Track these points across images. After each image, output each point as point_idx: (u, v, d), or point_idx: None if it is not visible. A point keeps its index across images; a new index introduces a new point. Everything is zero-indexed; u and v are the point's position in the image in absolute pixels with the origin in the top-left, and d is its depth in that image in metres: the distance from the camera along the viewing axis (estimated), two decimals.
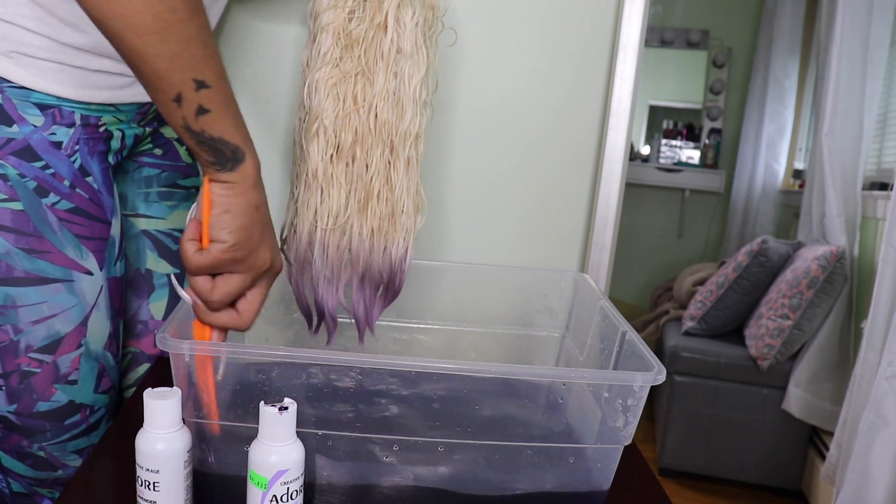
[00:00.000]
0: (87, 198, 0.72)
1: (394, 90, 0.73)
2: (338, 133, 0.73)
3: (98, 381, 0.76)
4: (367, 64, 0.73)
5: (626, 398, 0.59)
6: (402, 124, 0.74)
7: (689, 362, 2.20)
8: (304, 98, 0.75)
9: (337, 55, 0.73)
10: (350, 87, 0.73)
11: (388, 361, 0.64)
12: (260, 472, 0.53)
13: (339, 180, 0.74)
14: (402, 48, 0.72)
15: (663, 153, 3.56)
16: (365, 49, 0.72)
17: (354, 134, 0.73)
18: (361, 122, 0.73)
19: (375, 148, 0.74)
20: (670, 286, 3.03)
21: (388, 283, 0.78)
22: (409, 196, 0.76)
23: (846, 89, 2.16)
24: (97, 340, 0.74)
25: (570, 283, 0.90)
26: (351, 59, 0.72)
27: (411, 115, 0.74)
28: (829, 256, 2.05)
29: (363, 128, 0.73)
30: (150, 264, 0.88)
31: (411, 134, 0.74)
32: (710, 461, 2.21)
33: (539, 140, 1.07)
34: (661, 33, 3.42)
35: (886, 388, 1.46)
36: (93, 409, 0.76)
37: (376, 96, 0.73)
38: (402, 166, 0.75)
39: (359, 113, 0.73)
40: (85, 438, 0.76)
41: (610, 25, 1.04)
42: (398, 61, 0.73)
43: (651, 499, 0.69)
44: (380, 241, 0.77)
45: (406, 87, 0.73)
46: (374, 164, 0.74)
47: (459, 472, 0.63)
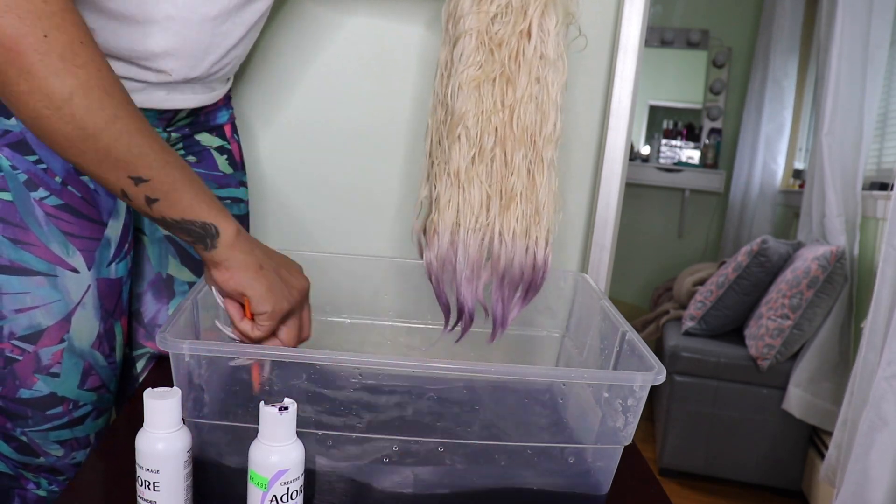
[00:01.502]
0: (79, 196, 0.72)
1: (535, 94, 0.74)
2: (480, 135, 0.74)
3: (84, 377, 0.76)
4: (509, 68, 0.74)
5: (626, 398, 0.59)
6: (545, 128, 0.75)
7: (689, 362, 2.20)
8: (444, 99, 0.76)
9: (480, 58, 0.74)
10: (491, 90, 0.74)
11: (388, 362, 0.64)
12: (260, 472, 0.53)
13: (481, 180, 0.75)
14: (546, 55, 0.74)
15: (663, 153, 3.56)
16: (508, 54, 0.73)
17: (496, 135, 0.74)
18: (503, 123, 0.74)
19: (517, 149, 0.75)
20: (670, 286, 3.03)
21: (530, 283, 0.79)
22: (550, 196, 0.77)
23: (846, 89, 2.16)
24: (82, 338, 0.75)
25: (570, 283, 0.90)
26: (492, 63, 0.73)
27: (553, 119, 0.75)
28: (829, 256, 2.05)
29: (504, 129, 0.74)
30: (172, 270, 0.88)
31: (553, 138, 0.75)
32: (710, 461, 2.21)
33: None
34: (661, 33, 3.42)
35: (886, 388, 1.46)
36: (76, 404, 0.76)
37: (518, 101, 0.74)
38: (545, 167, 0.76)
39: (501, 115, 0.74)
40: (68, 431, 0.77)
41: (610, 25, 1.04)
42: (541, 67, 0.74)
43: (651, 499, 0.69)
44: (523, 241, 0.77)
45: (549, 93, 0.74)
46: (516, 165, 0.75)
47: (459, 472, 0.63)
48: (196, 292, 0.68)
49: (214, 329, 0.74)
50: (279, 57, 1.04)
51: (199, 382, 0.58)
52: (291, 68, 1.05)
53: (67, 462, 0.79)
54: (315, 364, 0.60)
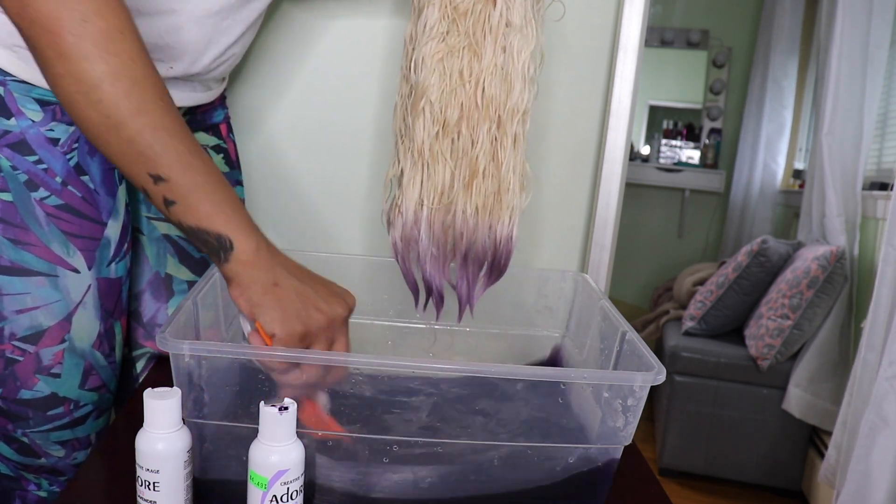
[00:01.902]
0: (79, 196, 0.72)
1: (502, 65, 0.71)
2: (444, 109, 0.72)
3: (84, 378, 0.76)
4: (474, 38, 0.71)
5: (626, 398, 0.59)
6: (510, 100, 0.72)
7: (689, 362, 2.20)
8: (408, 74, 0.74)
9: (443, 29, 0.71)
10: (456, 62, 0.71)
11: (388, 362, 0.64)
12: (260, 472, 0.53)
13: (445, 157, 0.73)
14: (512, 21, 0.70)
15: (663, 153, 3.56)
16: (473, 23, 0.70)
17: (461, 110, 0.72)
18: (468, 97, 0.71)
19: (482, 124, 0.72)
20: (670, 286, 3.03)
21: (493, 263, 0.78)
22: (516, 174, 0.75)
23: (846, 89, 2.16)
24: (82, 338, 0.75)
25: (570, 283, 0.90)
26: (457, 34, 0.70)
27: (519, 90, 0.72)
28: (829, 256, 2.05)
29: (469, 103, 0.72)
30: (171, 269, 0.88)
31: (519, 110, 0.73)
32: (710, 461, 2.21)
33: (539, 140, 1.07)
34: (661, 33, 3.42)
35: (887, 388, 1.46)
36: (77, 405, 0.77)
37: (483, 71, 0.71)
38: (510, 143, 0.73)
39: (465, 88, 0.71)
40: (69, 431, 0.77)
41: (610, 25, 1.04)
42: (507, 35, 0.70)
43: (651, 499, 0.69)
44: (485, 219, 0.75)
45: (514, 62, 0.71)
46: (480, 140, 0.73)
47: (459, 472, 0.63)
48: (196, 292, 0.68)
49: (214, 328, 0.74)
50: (271, 59, 1.04)
51: (199, 382, 0.58)
52: (283, 70, 1.05)
53: (68, 462, 0.79)
54: (315, 364, 0.60)
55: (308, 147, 1.07)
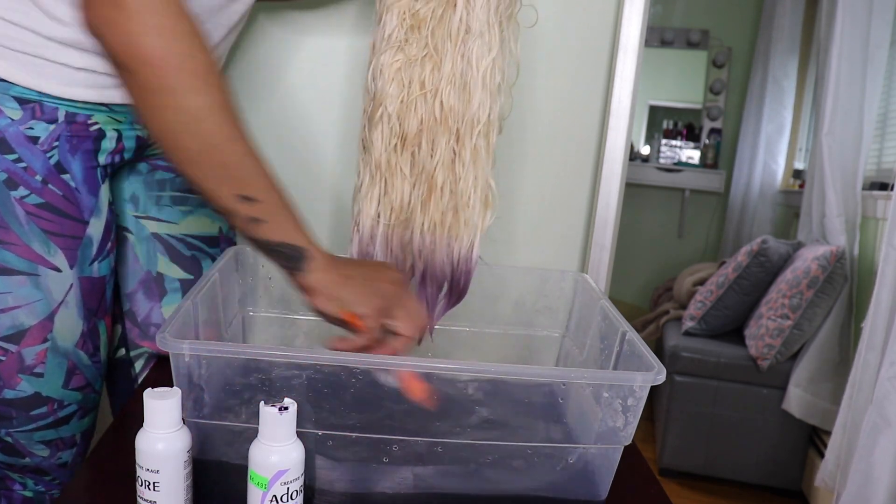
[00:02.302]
0: (60, 195, 0.71)
1: (461, 73, 0.68)
2: (402, 121, 0.69)
3: (68, 377, 0.76)
4: (434, 46, 0.68)
5: (626, 398, 0.59)
6: (469, 111, 0.69)
7: (689, 362, 2.20)
8: (368, 84, 0.71)
9: (402, 37, 0.68)
10: (416, 72, 0.68)
11: (389, 362, 0.64)
12: (260, 472, 0.53)
13: (404, 171, 0.71)
14: (471, 27, 0.67)
15: (663, 153, 3.56)
16: (432, 29, 0.67)
17: (420, 122, 0.69)
18: (427, 108, 0.69)
19: (441, 137, 0.69)
20: (670, 286, 3.03)
21: (452, 283, 0.76)
22: (476, 190, 0.71)
23: (846, 89, 2.16)
24: (65, 337, 0.74)
25: (570, 283, 0.90)
26: (418, 42, 0.68)
27: (479, 100, 0.68)
28: (829, 256, 2.05)
29: (429, 115, 0.69)
30: (162, 267, 0.88)
31: (480, 121, 0.69)
32: (710, 461, 2.21)
33: (539, 140, 1.07)
34: (661, 33, 3.42)
35: (889, 388, 1.46)
36: (61, 404, 0.76)
37: (443, 80, 0.68)
38: (469, 157, 0.70)
39: (425, 99, 0.68)
40: (53, 431, 0.77)
41: (610, 25, 1.04)
42: (466, 42, 0.67)
43: (651, 499, 0.69)
44: (442, 236, 0.72)
45: (474, 71, 0.68)
46: (438, 153, 0.70)
47: (459, 473, 0.63)
48: (196, 292, 0.68)
49: (214, 327, 0.74)
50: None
51: (199, 382, 0.58)
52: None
53: (53, 462, 0.79)
54: (315, 364, 0.60)
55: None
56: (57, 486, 0.81)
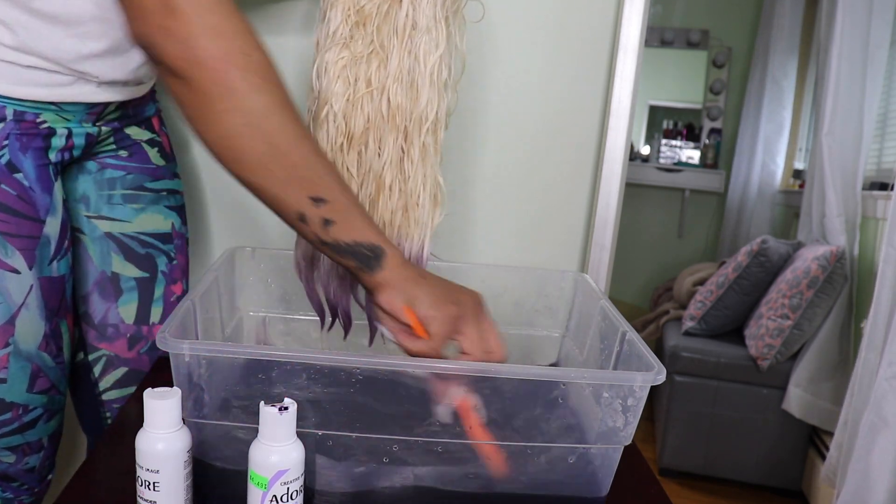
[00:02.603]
0: (14, 195, 0.70)
1: (408, 70, 0.66)
2: (348, 119, 0.68)
3: (32, 380, 0.74)
4: (380, 43, 0.66)
5: (626, 398, 0.59)
6: (417, 108, 0.67)
7: (689, 362, 2.20)
8: (312, 82, 0.70)
9: (347, 34, 0.66)
10: (362, 69, 0.67)
11: (389, 362, 0.64)
12: (260, 472, 0.53)
13: (350, 171, 0.69)
14: (418, 23, 0.65)
15: (663, 153, 3.56)
16: (378, 26, 0.66)
17: (366, 120, 0.68)
18: (374, 106, 0.67)
19: (388, 135, 0.68)
20: (670, 286, 3.03)
21: None
22: (426, 188, 0.70)
23: (846, 89, 2.16)
24: (27, 340, 0.73)
25: (570, 283, 0.90)
26: (363, 38, 0.66)
27: (427, 97, 0.67)
28: (829, 256, 2.05)
29: (375, 113, 0.67)
30: (117, 267, 0.86)
31: (427, 118, 0.68)
32: (710, 461, 2.21)
33: (539, 140, 1.07)
34: (661, 33, 3.42)
35: (887, 388, 1.46)
36: (26, 409, 0.75)
37: (389, 77, 0.66)
38: (417, 154, 0.69)
39: (371, 97, 0.67)
40: (19, 436, 0.75)
41: (610, 25, 1.04)
42: (413, 38, 0.66)
43: (651, 499, 0.69)
44: (392, 236, 0.72)
45: (422, 67, 0.66)
46: (386, 152, 0.68)
47: (459, 473, 0.63)
48: (196, 292, 0.68)
49: (214, 327, 0.74)
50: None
51: (199, 382, 0.58)
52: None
53: (20, 468, 0.77)
54: (315, 364, 0.60)
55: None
56: (26, 491, 0.80)
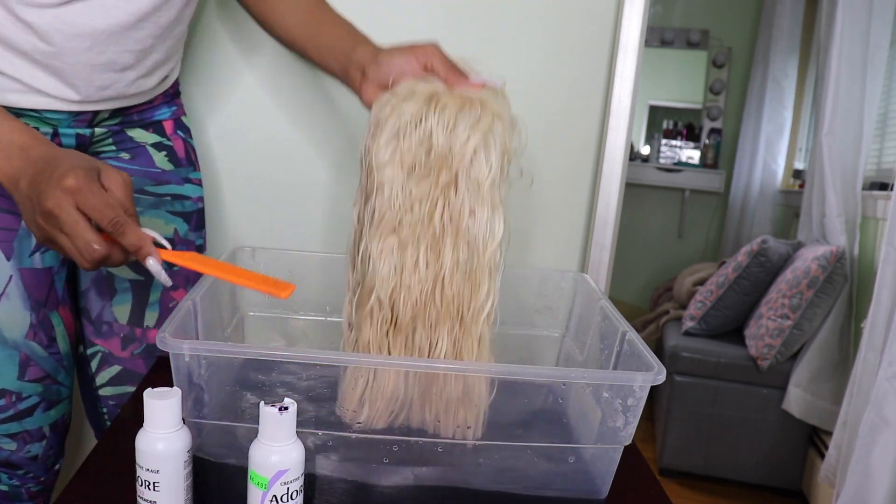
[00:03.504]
0: None
1: (465, 260, 0.62)
2: (395, 307, 0.63)
3: (22, 369, 0.76)
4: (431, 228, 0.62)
5: (626, 398, 0.59)
6: (476, 301, 0.63)
7: (689, 362, 2.20)
8: (355, 261, 0.65)
9: (395, 219, 0.62)
10: (413, 254, 0.62)
11: (389, 361, 0.64)
12: (260, 472, 0.53)
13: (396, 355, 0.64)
14: (476, 211, 0.61)
15: (663, 153, 3.56)
16: (429, 212, 0.61)
17: (413, 307, 0.63)
18: (425, 294, 0.62)
19: (442, 324, 0.63)
20: (670, 286, 3.03)
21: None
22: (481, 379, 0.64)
23: (846, 89, 2.16)
24: (12, 329, 0.74)
25: (570, 283, 0.90)
26: (411, 225, 0.61)
27: (487, 287, 0.63)
28: (829, 256, 2.05)
29: (427, 300, 0.63)
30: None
31: (485, 310, 0.64)
32: (710, 461, 2.21)
33: (539, 140, 1.07)
34: (661, 33, 3.42)
35: (887, 388, 1.46)
36: (19, 396, 0.77)
37: (444, 268, 0.62)
38: (474, 345, 0.65)
39: (421, 286, 0.62)
40: (16, 424, 0.77)
41: (610, 25, 1.04)
42: (472, 226, 0.62)
43: (651, 499, 0.69)
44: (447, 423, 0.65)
45: (480, 258, 0.62)
46: (441, 342, 0.64)
47: (459, 473, 0.63)
48: (196, 292, 0.68)
49: (214, 327, 0.74)
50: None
51: (199, 382, 0.58)
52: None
53: (23, 456, 0.79)
54: (315, 364, 0.60)
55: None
56: (31, 479, 0.81)
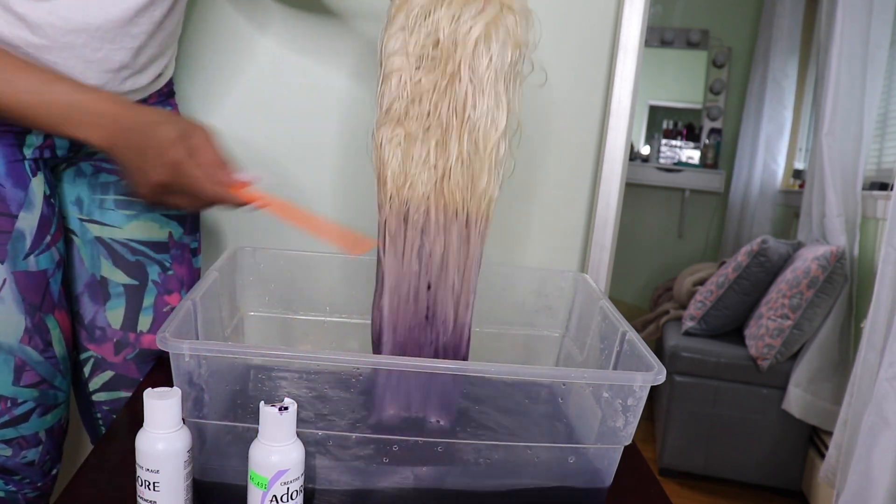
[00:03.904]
0: None
1: (470, 152, 0.64)
2: (401, 193, 0.66)
3: (17, 374, 0.75)
4: (437, 120, 0.64)
5: (626, 398, 0.59)
6: (476, 190, 0.66)
7: (689, 362, 2.20)
8: (375, 153, 0.68)
9: (402, 110, 0.64)
10: (418, 148, 0.65)
11: (389, 361, 0.64)
12: (260, 472, 0.53)
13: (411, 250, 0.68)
14: (478, 102, 0.63)
15: (663, 153, 3.56)
16: (435, 102, 0.64)
17: (423, 198, 0.66)
18: (432, 185, 0.66)
19: (450, 219, 0.67)
20: (670, 286, 3.03)
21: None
22: (474, 266, 0.70)
23: (846, 89, 2.16)
24: (6, 333, 0.73)
25: (570, 283, 0.90)
26: (418, 117, 0.64)
27: (486, 179, 0.65)
28: (829, 256, 2.05)
29: (435, 191, 0.66)
30: (105, 272, 0.86)
31: (487, 195, 0.67)
32: (710, 461, 2.21)
33: (539, 140, 1.07)
34: (661, 33, 3.42)
35: (888, 388, 1.46)
36: (15, 402, 0.76)
37: (450, 160, 0.64)
38: (479, 239, 0.69)
39: (427, 174, 0.65)
40: (12, 429, 0.76)
41: (610, 25, 1.04)
42: (472, 118, 0.64)
43: (651, 499, 0.69)
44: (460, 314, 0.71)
45: (481, 152, 0.64)
46: (444, 233, 0.68)
47: (459, 472, 0.63)
48: (196, 292, 0.68)
49: (214, 327, 0.74)
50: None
51: (199, 382, 0.58)
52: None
53: (19, 461, 0.78)
54: (315, 364, 0.60)
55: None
56: (28, 485, 0.80)
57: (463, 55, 0.63)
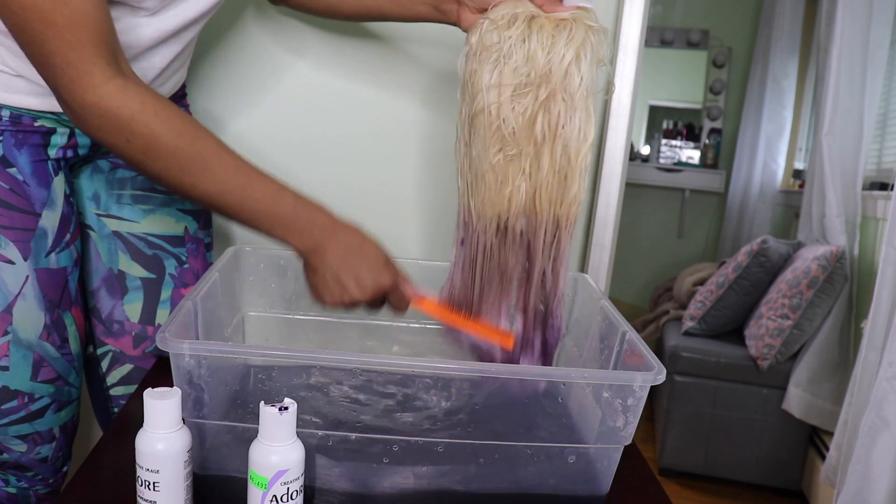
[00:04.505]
0: (7, 188, 0.72)
1: (558, 168, 0.69)
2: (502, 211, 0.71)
3: (35, 370, 0.76)
4: (533, 140, 0.68)
5: (626, 398, 0.59)
6: (567, 197, 0.70)
7: (689, 362, 2.20)
8: (464, 168, 0.73)
9: (497, 140, 0.68)
10: (515, 167, 0.69)
11: (389, 361, 0.64)
12: (260, 472, 0.53)
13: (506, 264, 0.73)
14: (571, 119, 0.68)
15: (663, 153, 3.56)
16: (529, 129, 0.68)
17: (522, 210, 0.71)
18: (526, 198, 0.70)
19: (541, 226, 0.71)
20: (670, 286, 3.03)
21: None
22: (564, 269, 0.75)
23: (846, 89, 2.16)
24: (27, 329, 0.74)
25: (570, 283, 0.90)
26: (515, 139, 0.68)
27: (577, 186, 0.70)
28: (829, 256, 2.05)
29: (528, 202, 0.71)
30: (123, 266, 0.87)
31: (577, 200, 0.71)
32: (710, 461, 2.21)
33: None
34: (661, 33, 3.42)
35: (887, 388, 1.46)
36: (32, 397, 0.76)
37: (543, 173, 0.69)
38: (568, 239, 0.73)
39: (524, 187, 0.70)
40: (27, 425, 0.77)
41: (610, 25, 1.04)
42: (565, 134, 0.68)
43: (651, 499, 0.69)
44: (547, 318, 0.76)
45: (573, 160, 0.69)
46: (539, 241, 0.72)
47: (459, 473, 0.63)
48: (196, 292, 0.68)
49: (214, 328, 0.74)
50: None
51: (199, 382, 0.58)
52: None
53: (32, 458, 0.79)
54: (315, 364, 0.60)
55: (296, 153, 1.08)
56: (40, 481, 0.81)
57: (558, 80, 0.66)
